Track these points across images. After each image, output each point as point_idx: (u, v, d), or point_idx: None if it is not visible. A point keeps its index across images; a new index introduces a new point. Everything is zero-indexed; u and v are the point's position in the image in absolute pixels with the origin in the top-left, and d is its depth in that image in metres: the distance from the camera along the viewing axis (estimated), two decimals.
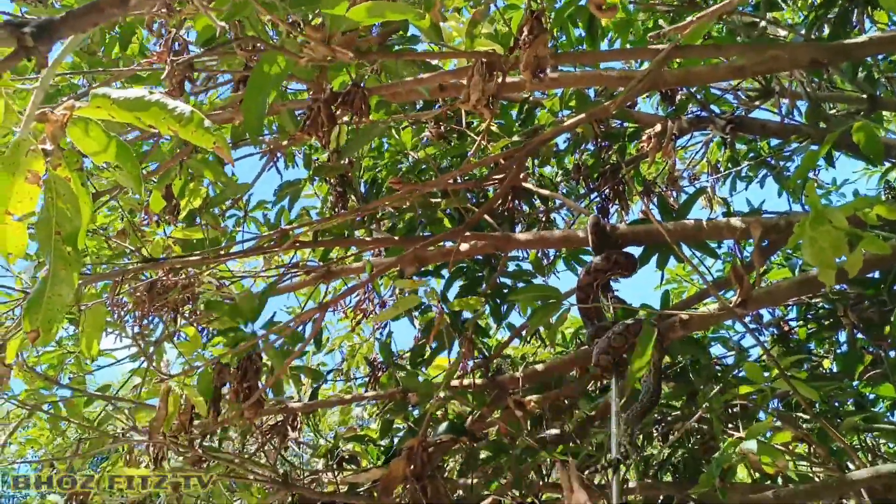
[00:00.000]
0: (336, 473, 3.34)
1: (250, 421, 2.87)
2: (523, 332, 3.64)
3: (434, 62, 2.40)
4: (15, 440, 3.34)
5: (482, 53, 1.91)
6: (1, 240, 1.04)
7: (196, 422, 3.08)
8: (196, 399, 2.84)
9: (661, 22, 3.34)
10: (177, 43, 2.05)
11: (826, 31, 3.02)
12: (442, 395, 2.83)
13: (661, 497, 3.08)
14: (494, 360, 3.34)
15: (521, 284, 3.48)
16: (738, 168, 4.08)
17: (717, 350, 3.63)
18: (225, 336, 2.80)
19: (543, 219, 3.83)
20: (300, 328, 3.07)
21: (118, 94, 0.93)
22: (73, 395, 3.10)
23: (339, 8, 1.57)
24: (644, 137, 2.96)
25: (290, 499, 3.25)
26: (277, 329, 2.68)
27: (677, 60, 2.77)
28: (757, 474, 2.78)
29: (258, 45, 1.82)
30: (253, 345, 2.63)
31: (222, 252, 2.81)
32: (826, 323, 3.62)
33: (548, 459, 2.90)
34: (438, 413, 3.15)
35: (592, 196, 3.76)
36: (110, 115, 0.95)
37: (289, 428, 3.37)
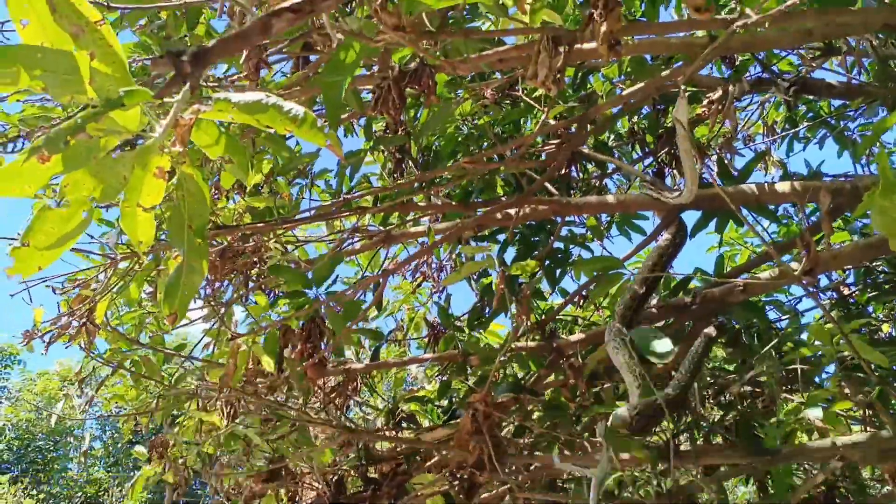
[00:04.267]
0: (396, 433, 3.50)
1: (313, 382, 3.04)
2: (575, 298, 3.69)
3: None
4: (101, 395, 3.60)
5: (549, 29, 1.93)
6: (133, 229, 1.16)
7: (262, 380, 3.29)
8: (263, 357, 3.04)
9: None
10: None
11: None
12: (502, 357, 2.93)
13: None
14: (548, 324, 3.42)
15: (574, 248, 3.53)
16: (796, 129, 3.99)
17: (771, 314, 3.63)
18: (291, 299, 2.96)
19: (597, 184, 3.83)
20: (360, 295, 3.20)
21: (238, 98, 1.02)
22: (152, 352, 3.32)
23: None
24: (704, 103, 2.94)
25: (355, 453, 3.43)
26: (338, 297, 2.81)
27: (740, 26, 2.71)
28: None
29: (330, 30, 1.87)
30: (315, 309, 2.77)
31: (288, 219, 2.94)
32: (887, 287, 3.57)
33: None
34: (498, 375, 3.26)
35: (647, 161, 3.74)
36: (230, 118, 1.04)
37: (349, 389, 3.54)
